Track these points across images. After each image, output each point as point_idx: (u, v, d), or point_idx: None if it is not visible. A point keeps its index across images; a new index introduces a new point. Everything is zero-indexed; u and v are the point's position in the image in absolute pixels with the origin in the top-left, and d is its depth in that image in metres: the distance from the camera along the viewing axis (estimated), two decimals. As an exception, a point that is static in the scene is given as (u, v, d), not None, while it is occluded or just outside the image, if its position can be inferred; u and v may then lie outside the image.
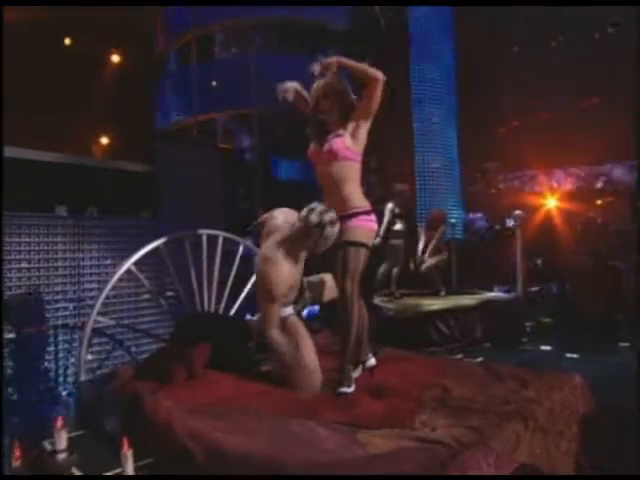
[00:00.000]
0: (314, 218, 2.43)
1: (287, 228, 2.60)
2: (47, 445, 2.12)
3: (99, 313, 2.98)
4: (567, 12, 9.48)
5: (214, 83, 6.31)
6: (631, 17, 8.93)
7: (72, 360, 4.26)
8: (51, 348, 4.39)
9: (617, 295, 7.10)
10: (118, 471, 1.75)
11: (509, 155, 10.17)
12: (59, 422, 1.80)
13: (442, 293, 6.60)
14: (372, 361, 2.80)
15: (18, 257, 4.34)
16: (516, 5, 8.65)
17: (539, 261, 8.19)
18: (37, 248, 4.46)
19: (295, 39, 6.34)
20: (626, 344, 5.83)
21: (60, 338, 4.51)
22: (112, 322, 3.93)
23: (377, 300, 6.18)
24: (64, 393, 4.28)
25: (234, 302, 3.71)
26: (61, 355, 4.45)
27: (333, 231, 2.46)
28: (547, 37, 10.67)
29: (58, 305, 4.53)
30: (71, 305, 4.61)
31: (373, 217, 2.67)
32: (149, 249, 3.26)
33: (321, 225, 2.42)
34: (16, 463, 1.64)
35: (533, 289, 7.35)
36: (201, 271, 3.49)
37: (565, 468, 2.18)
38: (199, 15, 5.92)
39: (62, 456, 1.76)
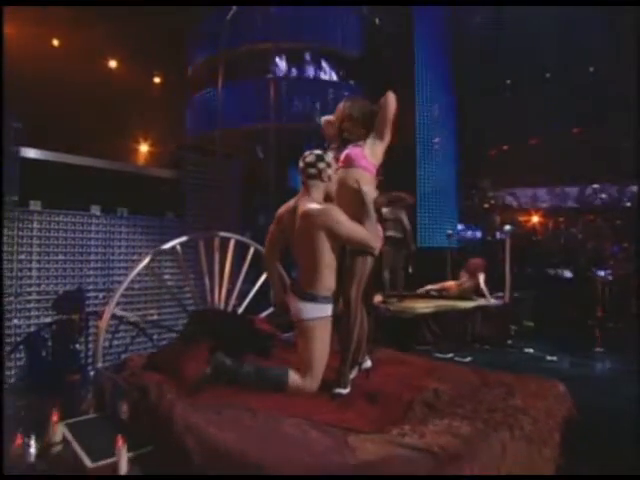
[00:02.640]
0: (310, 158, 2.38)
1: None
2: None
3: (117, 304, 2.82)
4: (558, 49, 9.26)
5: (238, 100, 6.16)
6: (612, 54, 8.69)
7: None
8: (83, 333, 4.26)
9: (592, 303, 6.91)
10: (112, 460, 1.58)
11: (500, 174, 9.95)
12: (54, 417, 1.64)
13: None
14: (368, 363, 2.61)
15: (56, 250, 4.23)
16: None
17: (523, 270, 7.92)
18: (73, 242, 4.35)
19: (312, 63, 6.22)
20: (600, 349, 5.65)
21: (91, 323, 4.38)
22: (128, 314, 3.79)
23: (376, 301, 5.98)
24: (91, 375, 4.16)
25: (243, 300, 3.53)
26: (91, 339, 4.31)
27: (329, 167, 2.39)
28: (540, 70, 10.40)
29: (89, 294, 4.42)
30: (101, 295, 4.49)
31: (379, 226, 2.49)
32: (167, 247, 3.11)
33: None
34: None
35: (516, 295, 7.10)
36: (213, 270, 3.32)
37: (546, 472, 1.97)
38: (226, 40, 5.81)
39: (57, 449, 1.60)
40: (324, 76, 6.49)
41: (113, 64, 9.19)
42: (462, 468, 1.51)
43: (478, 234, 8.73)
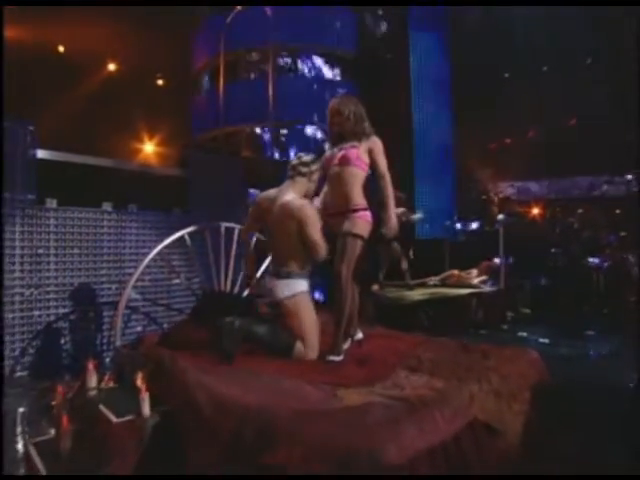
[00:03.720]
0: (306, 158, 2.80)
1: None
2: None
3: (133, 287, 3.12)
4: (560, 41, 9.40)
5: (239, 100, 6.44)
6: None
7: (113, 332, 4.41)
8: (98, 322, 4.57)
9: (587, 290, 7.13)
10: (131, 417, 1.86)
11: (500, 167, 10.14)
12: (90, 365, 1.92)
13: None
14: (360, 335, 2.88)
15: (71, 244, 4.52)
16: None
17: (520, 258, 8.15)
18: (87, 237, 4.63)
19: (308, 62, 6.49)
20: (591, 332, 5.88)
21: (104, 314, 4.69)
22: (140, 297, 4.08)
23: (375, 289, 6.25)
24: (107, 359, 4.46)
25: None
26: (105, 327, 4.62)
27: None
28: (538, 63, 10.55)
29: (103, 286, 4.71)
30: (114, 286, 4.78)
31: (369, 213, 2.75)
32: (175, 237, 3.41)
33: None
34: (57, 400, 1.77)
35: (513, 283, 7.34)
36: (219, 257, 3.61)
37: (517, 426, 2.22)
38: (227, 42, 6.08)
39: (92, 393, 1.87)
40: (321, 75, 6.74)
41: (120, 66, 9.53)
42: (432, 412, 1.77)
43: (476, 225, 8.96)
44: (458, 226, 9.06)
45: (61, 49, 8.95)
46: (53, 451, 1.88)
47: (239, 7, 5.69)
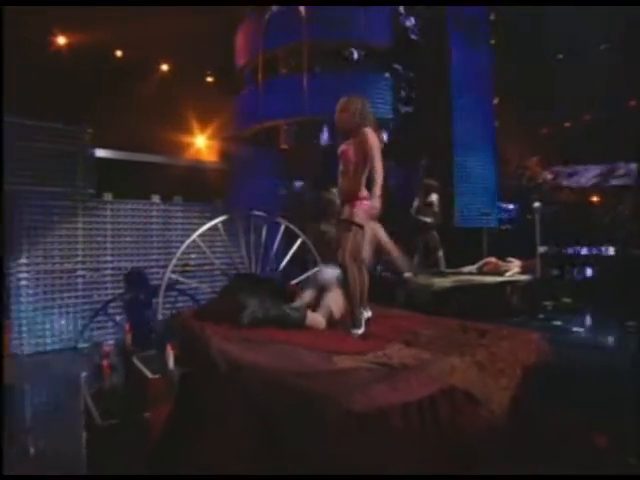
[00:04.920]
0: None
1: None
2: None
3: (172, 271, 3.60)
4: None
5: (277, 95, 6.82)
6: None
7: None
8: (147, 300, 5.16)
9: (633, 280, 6.88)
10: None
11: (545, 153, 9.88)
12: (127, 327, 2.38)
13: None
14: (368, 313, 3.18)
15: (124, 233, 5.14)
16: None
17: (564, 248, 8.00)
18: (137, 227, 5.24)
19: (343, 57, 6.73)
20: (631, 323, 5.75)
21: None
22: (182, 278, 4.58)
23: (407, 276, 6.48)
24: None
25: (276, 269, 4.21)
26: (153, 305, 5.18)
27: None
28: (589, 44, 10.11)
29: (152, 270, 5.30)
30: (161, 271, 5.36)
31: (368, 203, 3.02)
32: (210, 225, 3.85)
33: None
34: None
35: (554, 272, 7.26)
36: (250, 243, 4.02)
37: (502, 400, 2.41)
38: (265, 41, 6.47)
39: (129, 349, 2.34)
40: (356, 68, 6.97)
41: (172, 66, 10.21)
42: (408, 375, 2.06)
43: (519, 213, 8.85)
44: (499, 214, 9.00)
45: (118, 53, 9.72)
46: (105, 399, 2.36)
47: (274, 7, 6.05)
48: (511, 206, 9.16)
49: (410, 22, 7.44)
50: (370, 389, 1.88)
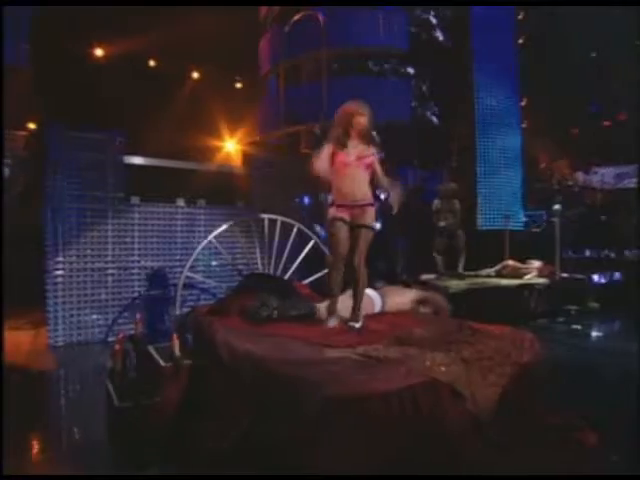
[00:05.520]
0: None
1: None
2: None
3: (190, 269, 3.88)
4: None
5: (297, 102, 7.07)
6: None
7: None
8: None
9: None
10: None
11: (571, 154, 9.71)
12: (138, 316, 2.65)
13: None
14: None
15: (150, 234, 5.50)
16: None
17: (590, 251, 7.86)
18: (163, 229, 5.59)
19: (362, 62, 6.91)
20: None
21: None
22: (198, 277, 4.88)
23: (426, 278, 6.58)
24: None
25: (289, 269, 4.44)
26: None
27: None
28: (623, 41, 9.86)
29: (176, 270, 5.63)
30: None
31: (374, 207, 3.23)
32: (224, 228, 4.12)
33: None
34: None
35: (578, 277, 7.15)
36: (264, 245, 4.27)
37: (488, 395, 2.52)
38: (285, 49, 6.74)
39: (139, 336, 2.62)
40: (375, 74, 7.14)
41: (202, 73, 10.69)
42: (389, 367, 2.23)
43: (546, 216, 8.74)
44: (524, 217, 8.93)
45: (151, 63, 10.24)
46: (119, 382, 2.65)
47: (295, 17, 6.31)
48: (537, 209, 9.06)
49: (431, 24, 7.53)
50: (350, 377, 2.07)
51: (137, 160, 5.50)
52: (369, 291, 3.54)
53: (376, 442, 2.04)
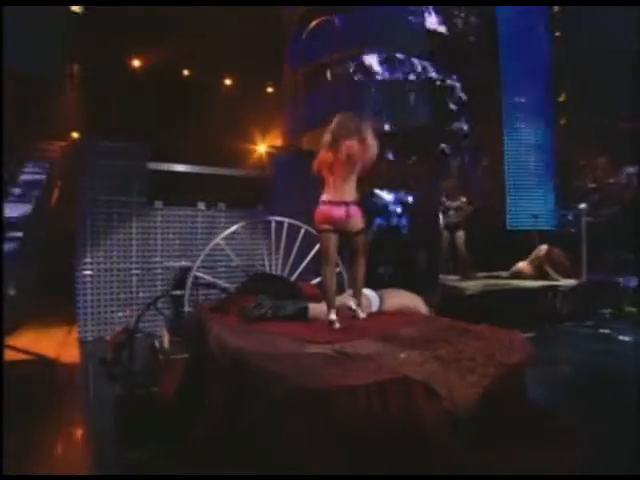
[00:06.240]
0: None
1: None
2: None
3: (199, 268, 4.12)
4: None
5: (319, 105, 7.23)
6: None
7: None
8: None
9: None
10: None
11: (624, 151, 9.31)
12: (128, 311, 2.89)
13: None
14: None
15: (172, 237, 5.81)
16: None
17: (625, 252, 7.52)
18: (184, 231, 5.89)
19: (380, 64, 6.97)
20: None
21: (200, 292, 5.83)
22: (207, 277, 5.11)
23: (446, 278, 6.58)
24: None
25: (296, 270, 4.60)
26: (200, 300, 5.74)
27: None
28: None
29: (208, 270, 5.89)
30: (206, 271, 5.97)
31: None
32: (232, 230, 4.35)
33: None
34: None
35: (612, 278, 6.88)
36: (271, 247, 4.45)
37: (468, 395, 2.53)
38: (305, 54, 6.94)
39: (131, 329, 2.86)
40: (395, 75, 7.16)
41: (234, 79, 11.11)
42: (359, 362, 2.33)
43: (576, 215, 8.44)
44: (556, 216, 8.67)
45: (185, 72, 10.74)
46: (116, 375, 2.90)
47: (313, 23, 6.48)
48: (572, 208, 8.76)
49: (456, 22, 7.49)
50: (317, 371, 2.19)
51: (161, 166, 5.83)
52: (367, 291, 3.65)
53: (341, 434, 2.15)
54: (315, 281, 4.58)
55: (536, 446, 2.58)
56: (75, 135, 7.46)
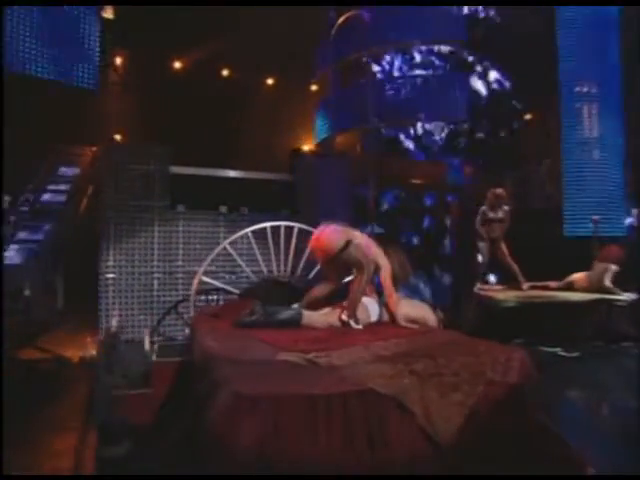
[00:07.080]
0: None
1: None
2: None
3: (204, 273, 4.33)
4: None
5: (348, 104, 7.29)
6: None
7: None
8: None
9: None
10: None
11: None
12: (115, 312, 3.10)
13: None
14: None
15: (194, 240, 6.09)
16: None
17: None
18: (207, 234, 6.15)
19: (414, 60, 6.88)
20: None
21: (221, 297, 6.06)
22: (216, 282, 5.30)
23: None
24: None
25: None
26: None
27: None
28: None
29: (218, 275, 6.16)
30: (227, 275, 6.20)
31: None
32: (240, 234, 4.56)
33: None
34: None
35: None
36: (279, 250, 4.59)
37: (450, 415, 2.45)
38: (334, 52, 7.03)
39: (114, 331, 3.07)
40: (428, 72, 7.08)
41: (277, 79, 11.46)
42: (322, 372, 2.37)
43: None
44: (624, 221, 8.14)
45: (225, 72, 11.21)
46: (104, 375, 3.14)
47: (340, 20, 6.56)
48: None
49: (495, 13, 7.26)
50: (271, 377, 2.26)
51: (182, 170, 6.16)
52: (367, 300, 3.66)
53: (298, 439, 2.19)
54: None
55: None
56: (106, 139, 8.03)
